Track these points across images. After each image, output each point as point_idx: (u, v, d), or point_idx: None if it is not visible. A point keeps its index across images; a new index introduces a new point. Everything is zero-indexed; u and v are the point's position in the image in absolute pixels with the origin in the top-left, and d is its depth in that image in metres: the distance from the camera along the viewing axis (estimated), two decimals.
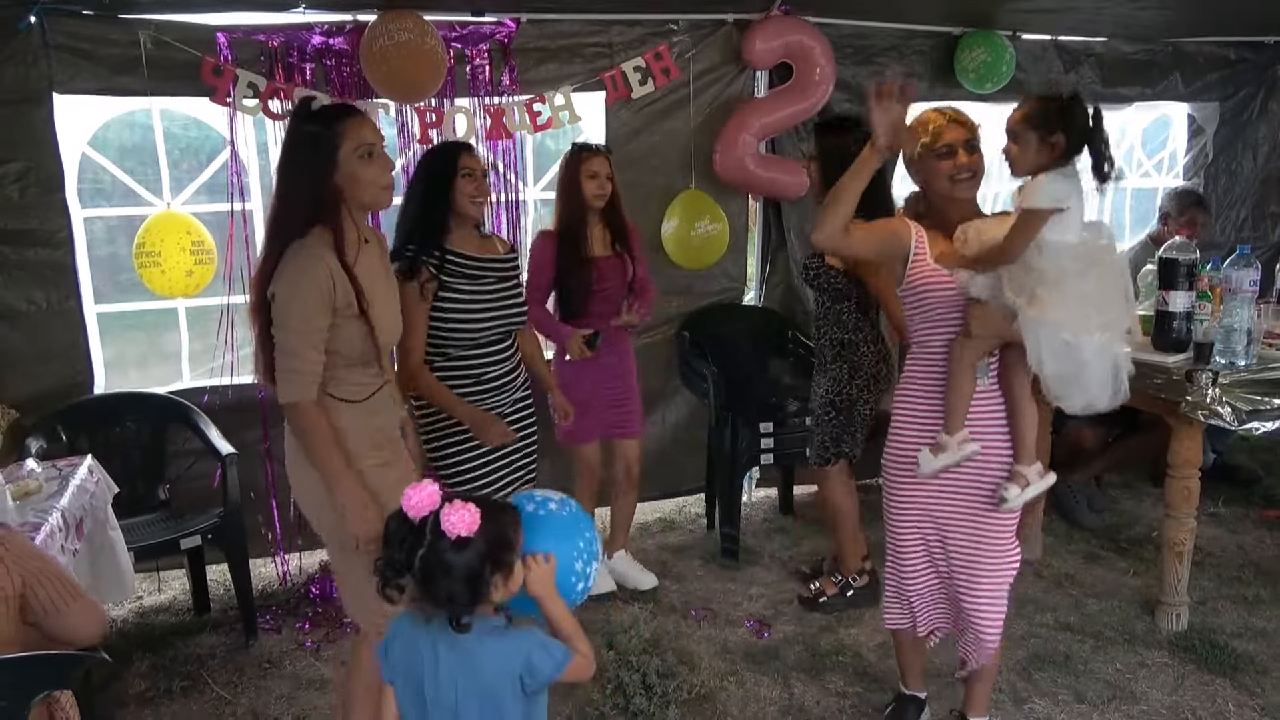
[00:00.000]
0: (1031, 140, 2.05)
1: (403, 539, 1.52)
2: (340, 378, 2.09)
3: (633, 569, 3.49)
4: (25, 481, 2.46)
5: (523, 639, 1.58)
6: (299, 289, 1.98)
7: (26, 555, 1.82)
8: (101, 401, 3.36)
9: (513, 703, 1.58)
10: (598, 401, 3.30)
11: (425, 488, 1.52)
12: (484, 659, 1.55)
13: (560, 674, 1.58)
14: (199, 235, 3.26)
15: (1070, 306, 2.00)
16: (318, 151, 2.00)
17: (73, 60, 3.16)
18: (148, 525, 3.17)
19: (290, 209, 2.03)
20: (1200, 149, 4.99)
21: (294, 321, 1.99)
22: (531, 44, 3.65)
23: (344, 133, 2.01)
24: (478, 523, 1.49)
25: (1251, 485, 4.23)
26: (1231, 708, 2.66)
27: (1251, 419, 2.82)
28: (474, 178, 2.67)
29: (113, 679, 2.89)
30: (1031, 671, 2.85)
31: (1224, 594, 3.31)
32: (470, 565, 1.50)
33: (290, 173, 2.05)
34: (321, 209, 2.02)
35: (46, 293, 3.29)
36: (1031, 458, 2.21)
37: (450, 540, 1.48)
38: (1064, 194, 2.02)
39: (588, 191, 3.13)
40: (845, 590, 3.26)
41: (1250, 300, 2.91)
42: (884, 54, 4.19)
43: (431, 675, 1.58)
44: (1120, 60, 4.64)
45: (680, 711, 2.68)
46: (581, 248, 3.16)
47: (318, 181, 2.01)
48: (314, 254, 2.00)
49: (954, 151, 2.16)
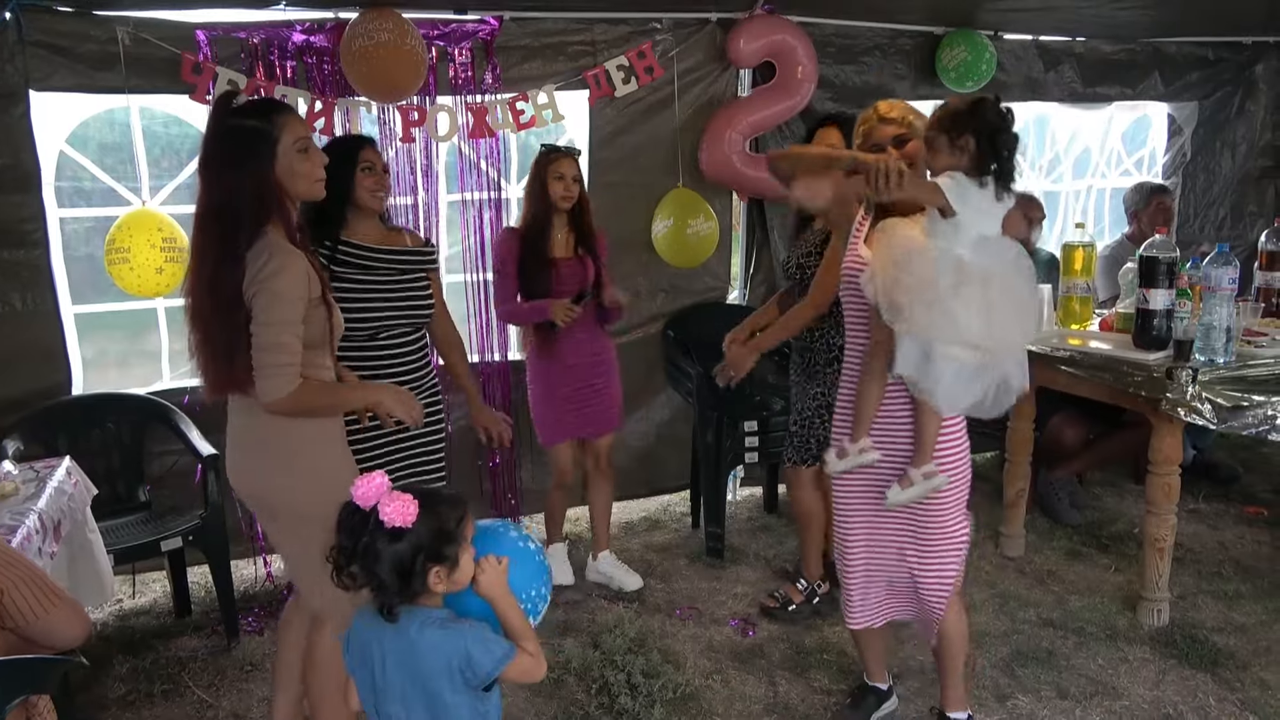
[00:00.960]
0: (942, 143, 2.08)
1: (351, 528, 1.57)
2: (309, 360, 2.10)
3: (618, 570, 3.49)
4: (2, 484, 2.43)
5: (462, 632, 1.60)
6: (286, 284, 1.97)
7: (5, 562, 1.79)
8: (80, 402, 3.33)
9: (453, 695, 1.59)
10: (562, 404, 3.31)
11: (374, 479, 1.56)
12: (423, 649, 1.58)
13: (502, 669, 1.59)
14: (171, 232, 3.19)
15: (932, 317, 2.02)
16: (261, 146, 1.98)
17: (49, 57, 3.12)
18: (128, 527, 3.14)
19: (237, 206, 1.98)
20: (1179, 149, 5.04)
21: (281, 314, 1.98)
22: (514, 42, 3.64)
23: (283, 126, 2.01)
24: (414, 514, 1.53)
25: (1231, 482, 4.27)
26: (1212, 702, 2.69)
27: (1231, 416, 2.84)
28: (374, 172, 2.67)
29: (92, 682, 2.86)
30: (1014, 667, 2.86)
31: (1204, 589, 3.34)
32: (400, 555, 1.54)
33: (229, 169, 1.99)
34: (271, 204, 2.00)
35: (22, 294, 3.24)
36: (926, 458, 2.21)
37: (386, 530, 1.53)
38: (955, 198, 2.02)
39: (554, 193, 3.16)
40: (811, 597, 3.26)
41: (1230, 298, 2.94)
42: (867, 53, 4.21)
43: (380, 665, 1.62)
44: (1100, 60, 4.68)
45: (666, 710, 2.68)
46: (543, 247, 3.20)
47: (263, 177, 1.99)
48: (294, 254, 2.00)
49: (884, 149, 2.20)
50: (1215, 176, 5.07)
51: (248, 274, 1.97)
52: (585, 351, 3.31)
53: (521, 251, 3.21)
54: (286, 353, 1.99)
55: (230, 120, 2.00)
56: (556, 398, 3.31)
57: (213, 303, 2.00)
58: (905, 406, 2.25)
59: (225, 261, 1.98)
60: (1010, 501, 3.64)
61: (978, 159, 2.04)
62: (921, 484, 2.21)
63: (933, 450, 2.22)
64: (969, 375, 2.09)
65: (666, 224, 3.85)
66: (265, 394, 2.00)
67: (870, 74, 4.21)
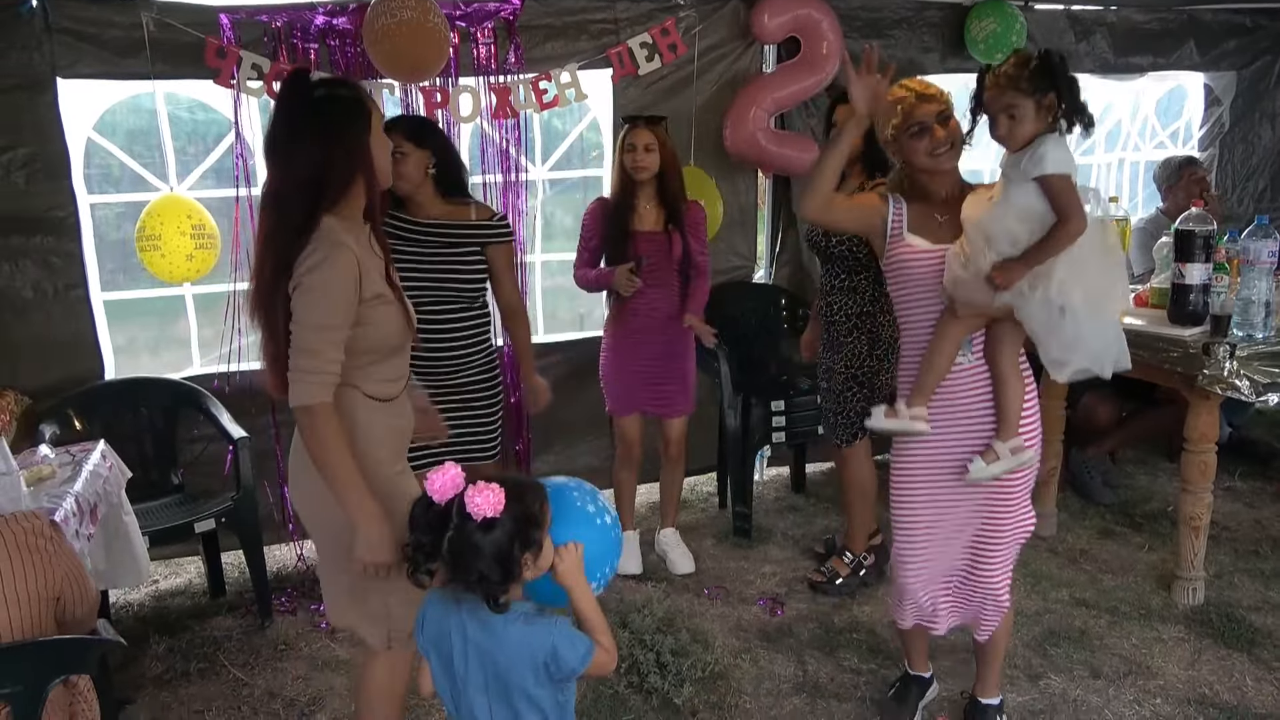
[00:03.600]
0: (1028, 108, 2.01)
1: (429, 523, 1.53)
2: (370, 374, 1.89)
3: (675, 549, 3.49)
4: (39, 467, 2.47)
5: (550, 627, 1.58)
6: (329, 285, 1.76)
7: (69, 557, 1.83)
8: (113, 387, 3.37)
9: (537, 688, 1.58)
10: (634, 378, 3.31)
11: (448, 471, 1.52)
12: (510, 643, 1.56)
13: (586, 667, 1.58)
14: (200, 219, 3.21)
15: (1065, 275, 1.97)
16: (358, 116, 1.82)
17: (75, 44, 3.14)
18: (162, 509, 3.18)
19: (323, 179, 1.78)
20: (1216, 119, 4.91)
21: (321, 317, 1.77)
22: (537, 21, 3.61)
23: (373, 103, 1.88)
24: (503, 503, 1.50)
25: (1268, 460, 4.20)
26: (1249, 682, 2.65)
27: (1269, 392, 2.78)
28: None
29: (129, 662, 2.91)
30: (1047, 647, 2.84)
31: (1241, 568, 3.29)
32: (499, 545, 1.51)
33: (321, 140, 1.78)
34: (363, 175, 1.82)
35: (54, 280, 3.27)
36: (1011, 433, 2.17)
37: (477, 522, 1.49)
38: (1068, 160, 1.99)
39: (626, 164, 3.13)
40: (858, 570, 3.25)
41: (1269, 272, 2.87)
42: (894, 27, 4.13)
43: (461, 655, 1.60)
44: (1132, 29, 4.56)
45: (695, 689, 2.68)
46: (625, 220, 3.17)
47: (361, 147, 1.81)
48: (342, 247, 1.78)
49: (928, 128, 2.13)
50: (1254, 147, 4.94)
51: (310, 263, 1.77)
52: (662, 329, 3.27)
53: (604, 222, 3.21)
54: (315, 358, 1.76)
55: (319, 91, 1.82)
56: (628, 370, 3.31)
57: (272, 291, 1.80)
58: (980, 384, 2.19)
59: (293, 244, 1.78)
60: (1042, 480, 3.57)
61: (1059, 112, 2.00)
62: (1009, 459, 2.15)
63: (1018, 424, 2.17)
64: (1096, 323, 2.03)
65: None
66: (290, 399, 1.80)
67: (897, 47, 4.13)
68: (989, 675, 2.46)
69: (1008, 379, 2.16)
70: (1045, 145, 1.99)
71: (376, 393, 1.91)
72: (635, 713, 2.60)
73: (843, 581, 3.23)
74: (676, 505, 3.59)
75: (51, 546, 1.76)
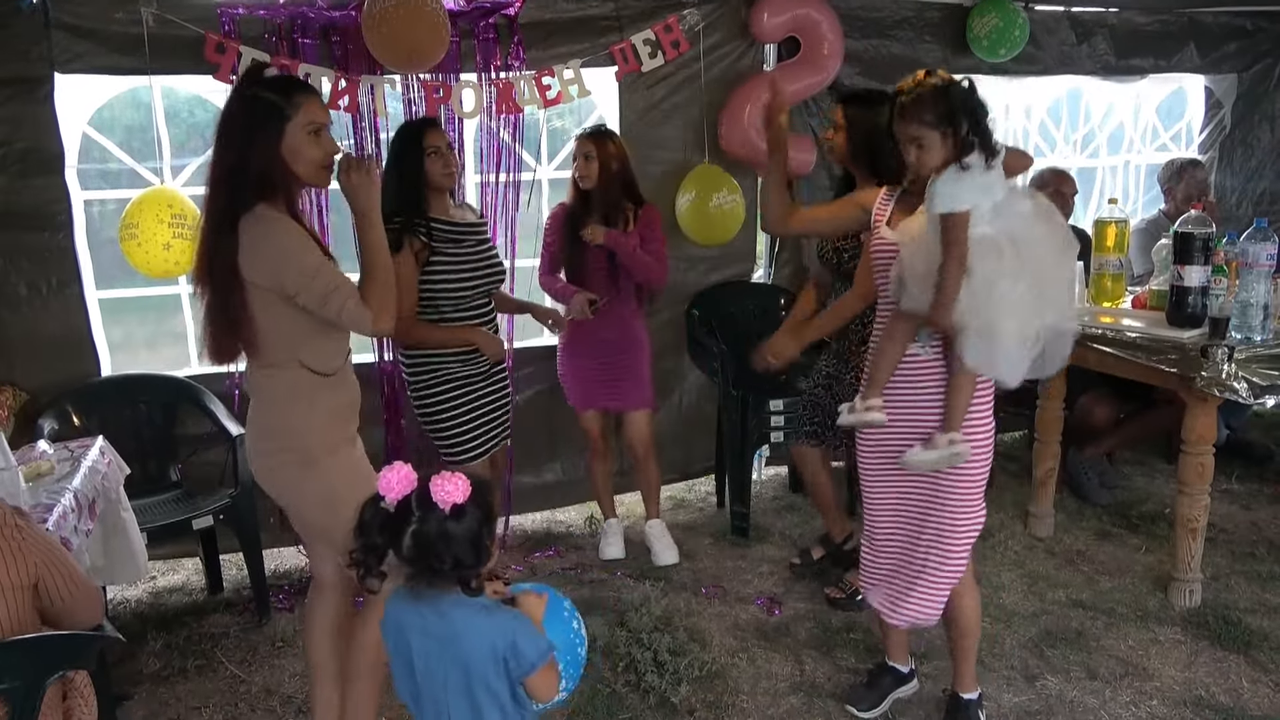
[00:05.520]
0: (934, 140, 2.02)
1: (381, 524, 1.54)
2: (312, 346, 2.07)
3: (659, 540, 3.53)
4: (37, 463, 2.47)
5: (511, 620, 1.59)
6: (291, 244, 1.98)
7: (40, 542, 1.82)
8: (111, 383, 3.36)
9: (498, 682, 1.58)
10: (589, 374, 3.43)
11: (399, 469, 1.54)
12: (471, 633, 1.57)
13: (543, 663, 1.59)
14: (181, 209, 3.11)
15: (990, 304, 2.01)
16: (270, 121, 1.97)
17: (74, 40, 3.13)
18: (160, 506, 3.18)
19: (239, 177, 1.97)
20: (1218, 122, 4.91)
21: (309, 262, 1.98)
22: (539, 18, 3.60)
23: (299, 106, 2.00)
24: (470, 489, 1.53)
25: (1265, 462, 4.21)
26: (1245, 684, 2.66)
27: (1267, 394, 2.79)
28: (440, 154, 2.85)
29: (127, 658, 2.90)
30: (1044, 648, 2.84)
31: (1237, 570, 3.29)
32: (470, 529, 1.54)
33: (236, 139, 1.99)
34: (272, 180, 1.98)
35: (48, 277, 3.26)
36: (955, 426, 2.19)
37: (445, 510, 1.51)
38: (958, 195, 2.00)
39: (575, 172, 3.28)
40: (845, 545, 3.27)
41: (1267, 275, 2.87)
42: (895, 27, 4.14)
43: (421, 653, 1.61)
44: (1133, 31, 4.57)
45: (692, 688, 2.68)
46: (577, 227, 3.28)
47: (269, 151, 1.97)
48: (280, 218, 1.99)
49: None
50: (1254, 150, 4.95)
51: (241, 245, 1.96)
52: (616, 328, 3.37)
53: (561, 229, 3.36)
54: (342, 291, 2.00)
55: (249, 90, 2.01)
56: (584, 367, 3.43)
57: (209, 266, 2.01)
58: (936, 376, 2.23)
59: (222, 229, 1.97)
60: (1039, 481, 3.61)
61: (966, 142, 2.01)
62: (945, 449, 2.18)
63: (962, 420, 2.19)
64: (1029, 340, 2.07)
65: (689, 198, 3.77)
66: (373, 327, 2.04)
67: (899, 47, 4.14)
68: (963, 669, 2.46)
69: (958, 376, 2.18)
70: (936, 184, 2.03)
71: (317, 365, 2.08)
72: (632, 711, 2.60)
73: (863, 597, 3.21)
74: (658, 497, 3.64)
75: (18, 534, 1.75)
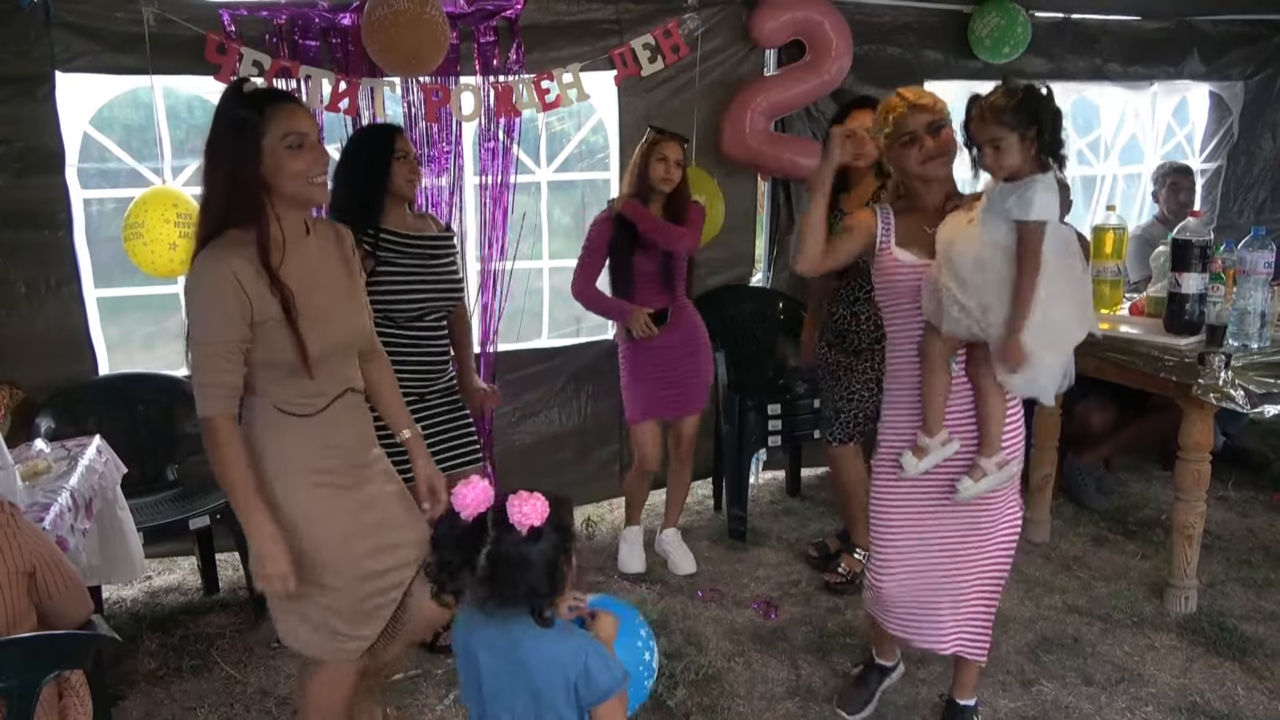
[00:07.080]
0: (1012, 142, 2.00)
1: (456, 540, 1.48)
2: (283, 389, 1.88)
3: (677, 550, 3.50)
4: (34, 462, 2.47)
5: (584, 643, 1.52)
6: (203, 303, 1.80)
7: (36, 537, 1.82)
8: (109, 382, 3.36)
9: (567, 709, 1.51)
10: (657, 383, 3.31)
11: (476, 485, 1.48)
12: (542, 658, 1.51)
13: (616, 693, 1.51)
14: (186, 209, 3.11)
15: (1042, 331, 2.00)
16: (241, 138, 1.79)
17: (75, 39, 3.13)
18: (156, 505, 3.18)
19: (213, 202, 1.83)
20: (1226, 129, 4.90)
21: (201, 333, 1.81)
22: (539, 21, 3.60)
23: (270, 118, 1.80)
24: (548, 511, 1.46)
25: (1261, 469, 4.22)
26: (1240, 691, 2.66)
27: (1264, 402, 2.80)
28: (408, 160, 2.73)
29: (123, 658, 2.90)
30: (1039, 654, 2.85)
31: (1233, 577, 3.30)
32: (547, 555, 1.47)
33: (210, 161, 1.84)
34: (239, 205, 1.81)
35: (46, 275, 3.25)
36: (994, 449, 2.18)
37: (521, 533, 1.44)
38: (1052, 206, 1.99)
39: (655, 174, 3.16)
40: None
41: (1265, 282, 2.88)
42: (897, 31, 4.14)
43: (490, 672, 1.54)
44: (1135, 38, 4.57)
45: (688, 692, 2.68)
46: (633, 235, 3.18)
47: (238, 173, 1.80)
48: (220, 264, 1.79)
49: (918, 138, 2.14)
50: (1255, 158, 4.95)
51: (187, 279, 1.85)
52: (679, 332, 3.30)
53: (614, 232, 3.20)
54: (201, 373, 1.81)
55: (223, 108, 1.85)
56: (647, 378, 3.31)
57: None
58: (962, 396, 2.20)
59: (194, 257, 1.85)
60: (1036, 486, 3.61)
61: (1041, 149, 2.00)
62: (995, 474, 2.16)
63: (1000, 439, 2.18)
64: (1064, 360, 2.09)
65: None
66: (197, 409, 1.84)
67: (901, 51, 4.14)
68: (967, 678, 2.46)
69: (989, 395, 2.16)
70: (1035, 189, 1.99)
71: (289, 407, 1.89)
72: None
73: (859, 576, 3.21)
74: (681, 507, 3.61)
75: (12, 524, 1.76)
